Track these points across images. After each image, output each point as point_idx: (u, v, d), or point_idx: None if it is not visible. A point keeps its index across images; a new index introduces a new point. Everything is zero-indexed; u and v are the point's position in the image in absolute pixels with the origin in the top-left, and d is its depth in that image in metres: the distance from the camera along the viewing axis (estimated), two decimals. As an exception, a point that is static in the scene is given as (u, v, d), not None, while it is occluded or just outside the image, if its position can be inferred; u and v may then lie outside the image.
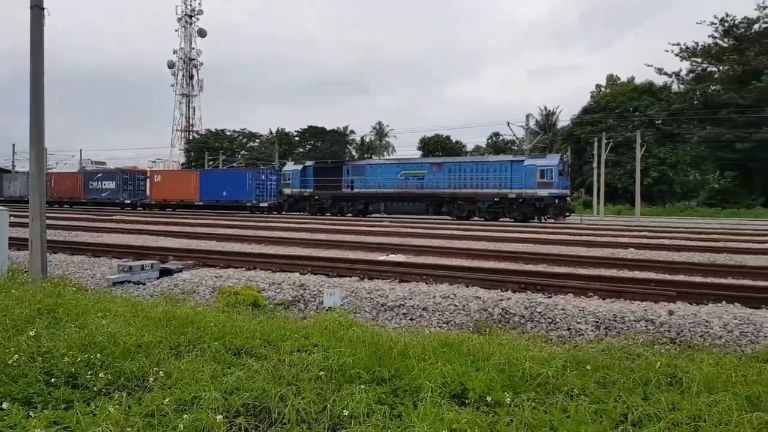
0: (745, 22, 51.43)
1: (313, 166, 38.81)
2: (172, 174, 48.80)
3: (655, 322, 6.49)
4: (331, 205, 36.79)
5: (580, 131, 61.06)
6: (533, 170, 30.16)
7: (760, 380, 4.00)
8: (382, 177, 35.24)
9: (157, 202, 44.77)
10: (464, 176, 32.57)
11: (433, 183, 33.31)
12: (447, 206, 32.85)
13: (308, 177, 37.88)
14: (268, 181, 42.41)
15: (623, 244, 15.28)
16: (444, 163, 33.99)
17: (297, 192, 38.08)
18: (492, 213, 31.23)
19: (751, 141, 46.56)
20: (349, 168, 37.42)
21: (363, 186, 35.76)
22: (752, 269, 10.29)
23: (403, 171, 34.87)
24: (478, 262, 11.23)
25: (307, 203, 37.75)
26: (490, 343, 4.94)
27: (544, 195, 29.69)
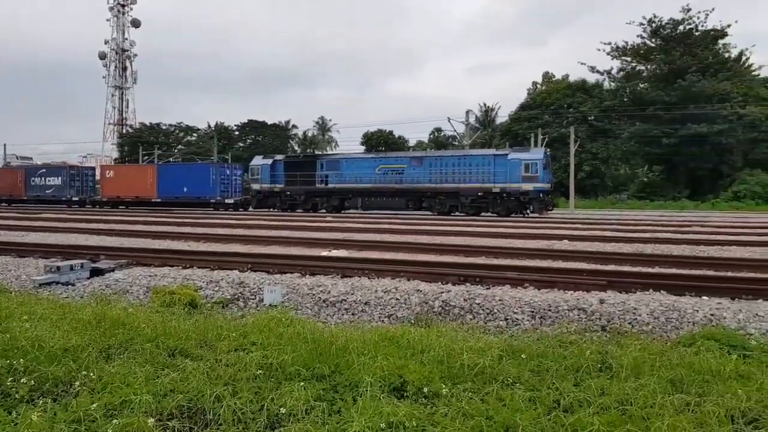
0: (671, 23, 54.01)
1: (283, 161, 37.36)
2: (126, 169, 46.27)
3: (587, 310, 6.74)
4: (304, 201, 35.54)
5: (518, 127, 62.62)
6: (518, 164, 29.72)
7: (682, 364, 4.22)
8: (359, 171, 34.21)
9: (110, 200, 42.18)
10: (446, 170, 31.82)
11: (413, 177, 32.49)
12: (428, 201, 32.19)
13: (278, 172, 36.44)
14: (233, 176, 40.73)
15: (558, 236, 15.78)
16: (424, 157, 33.39)
17: (267, 188, 36.45)
18: (475, 208, 30.84)
19: (676, 137, 49.03)
20: (323, 162, 36.06)
21: (338, 181, 34.63)
22: (677, 258, 10.85)
23: (382, 165, 33.85)
24: (420, 256, 11.34)
25: (277, 199, 36.30)
26: (430, 335, 5.01)
27: (529, 189, 29.31)
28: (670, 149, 49.83)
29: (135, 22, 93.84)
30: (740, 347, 5.20)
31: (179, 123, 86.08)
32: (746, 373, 4.09)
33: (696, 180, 52.18)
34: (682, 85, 49.82)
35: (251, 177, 38.13)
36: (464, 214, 30.40)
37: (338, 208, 34.70)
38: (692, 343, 5.05)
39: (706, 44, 53.20)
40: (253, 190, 37.56)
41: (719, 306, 6.73)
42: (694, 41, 52.99)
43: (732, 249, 12.97)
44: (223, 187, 39.53)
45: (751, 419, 3.23)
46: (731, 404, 3.35)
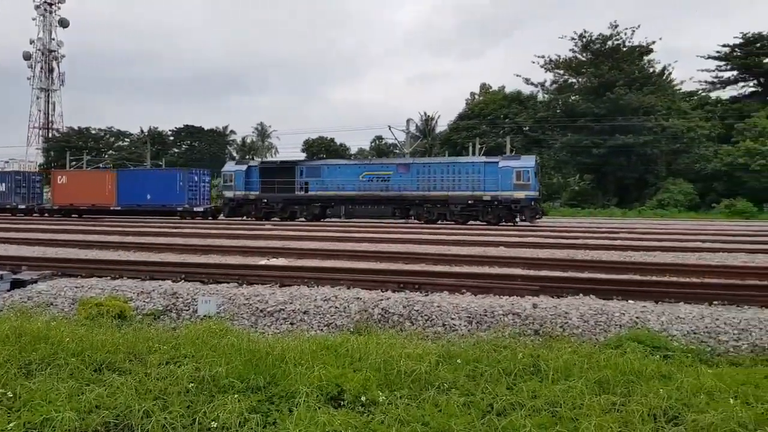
0: (600, 38, 56.56)
1: (259, 167, 35.61)
2: (80, 175, 43.01)
3: (521, 315, 6.92)
4: (282, 209, 33.97)
5: (457, 136, 63.89)
6: (509, 172, 29.23)
7: (609, 365, 4.39)
8: (342, 178, 32.95)
9: (61, 207, 39.10)
10: (434, 177, 31.03)
11: (399, 185, 31.47)
12: (415, 209, 31.44)
13: (253, 178, 34.71)
14: (201, 182, 38.66)
15: (495, 243, 16.16)
16: (412, 164, 32.38)
17: (241, 195, 34.41)
18: (464, 216, 30.32)
19: (605, 147, 51.28)
20: (302, 168, 34.39)
21: (320, 188, 33.28)
22: (606, 264, 11.31)
23: (366, 172, 32.53)
24: (360, 264, 11.34)
25: (252, 207, 34.55)
26: (369, 343, 5.00)
27: (521, 197, 28.86)
28: (599, 159, 52.04)
29: (63, 22, 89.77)
30: (663, 348, 5.48)
31: (110, 127, 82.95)
32: (668, 373, 4.31)
33: (624, 188, 54.68)
34: (610, 97, 52.19)
35: (223, 184, 36.17)
36: (453, 222, 29.96)
37: (319, 217, 33.58)
38: (619, 345, 5.27)
39: (632, 59, 55.98)
40: (226, 198, 35.51)
41: (644, 309, 7.06)
42: (621, 56, 55.63)
43: (656, 254, 13.64)
44: (191, 194, 37.43)
45: (672, 417, 3.40)
46: (654, 403, 3.51)
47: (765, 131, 48.75)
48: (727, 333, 6.34)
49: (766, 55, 56.45)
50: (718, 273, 9.89)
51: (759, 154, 46.60)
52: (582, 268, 10.80)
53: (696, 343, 6.09)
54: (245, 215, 34.87)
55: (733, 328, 6.41)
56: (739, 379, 4.28)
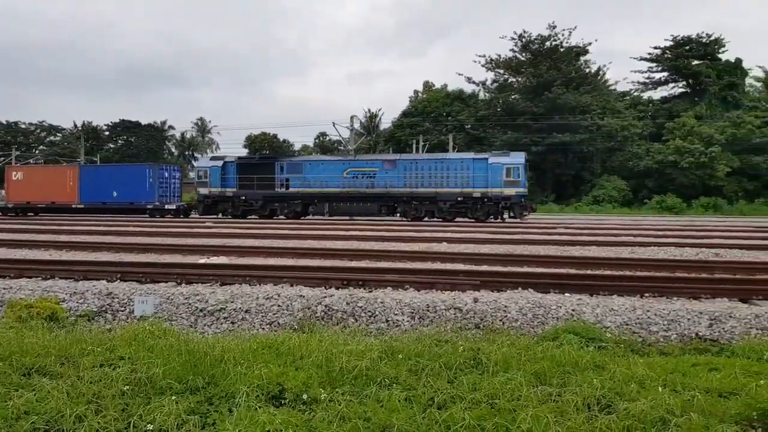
0: (539, 39, 58.15)
1: (236, 162, 34.15)
2: (38, 171, 40.25)
3: (463, 309, 7.04)
4: (262, 206, 32.76)
5: (401, 133, 64.27)
6: (499, 168, 29.15)
7: (546, 357, 4.53)
8: (325, 175, 31.98)
9: (17, 206, 36.41)
10: (422, 174, 30.50)
11: (386, 181, 30.79)
12: (403, 206, 30.91)
13: (230, 174, 33.31)
14: (171, 178, 36.78)
15: (438, 239, 16.36)
16: (398, 161, 31.68)
17: (217, 192, 32.98)
18: (453, 213, 30.03)
19: (543, 145, 52.82)
20: (282, 164, 33.14)
21: (301, 185, 32.27)
22: (544, 258, 11.65)
23: (351, 168, 31.67)
24: (303, 261, 11.25)
25: (229, 204, 33.24)
26: (311, 341, 4.97)
27: (511, 194, 28.85)
28: (538, 156, 53.50)
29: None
30: (597, 339, 5.69)
31: (41, 122, 78.92)
32: (602, 364, 4.47)
33: (561, 185, 56.49)
34: (548, 97, 53.79)
35: (197, 180, 34.48)
36: (440, 220, 29.64)
37: (300, 214, 32.65)
38: (556, 338, 5.44)
39: (569, 60, 57.82)
40: (200, 195, 33.91)
41: (580, 302, 7.31)
42: (559, 57, 57.37)
43: (591, 249, 14.16)
44: (161, 191, 35.55)
45: (605, 405, 3.53)
46: (588, 393, 3.64)
47: (693, 130, 51.40)
48: (657, 324, 6.65)
49: (694, 58, 59.45)
50: (648, 266, 10.36)
51: (687, 152, 49.13)
52: (521, 263, 11.09)
53: (628, 334, 6.36)
54: (221, 213, 33.61)
55: (662, 319, 6.73)
56: (668, 368, 4.50)
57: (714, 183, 49.70)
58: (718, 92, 57.38)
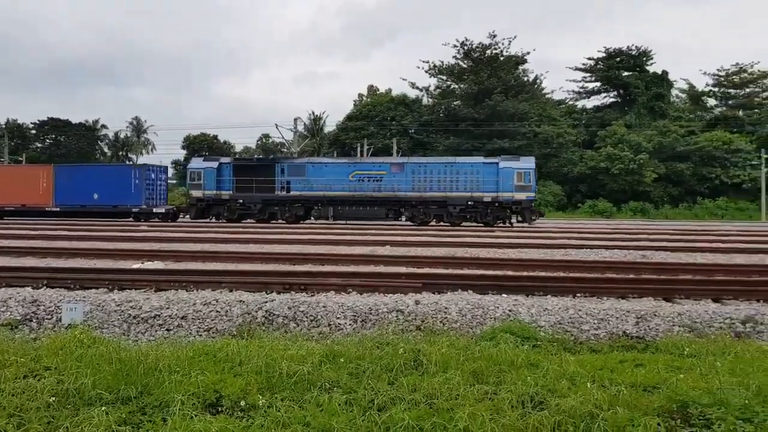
0: (480, 47, 59.55)
1: (232, 164, 32.56)
2: (5, 171, 37.18)
3: (404, 311, 7.10)
4: (260, 210, 31.42)
5: (345, 137, 64.24)
6: (510, 173, 28.99)
7: (483, 356, 4.63)
8: (329, 178, 30.84)
9: None
10: (430, 178, 29.98)
11: (393, 185, 30.12)
12: (411, 210, 30.28)
13: (225, 176, 31.86)
14: (158, 180, 34.70)
15: (381, 242, 16.45)
16: (406, 164, 30.97)
17: (211, 195, 31.54)
18: (462, 217, 29.71)
19: (484, 150, 54.04)
20: (283, 166, 31.89)
21: (304, 188, 31.06)
22: (483, 260, 11.92)
23: (356, 171, 30.79)
24: (244, 265, 11.06)
25: (224, 208, 31.77)
26: (250, 346, 4.90)
27: (522, 198, 28.85)
28: (479, 162, 54.75)
29: None
30: (532, 338, 5.87)
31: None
32: (536, 362, 4.62)
33: (501, 190, 58.00)
34: (489, 104, 55.13)
35: (190, 182, 32.66)
36: (449, 224, 29.30)
37: (302, 218, 31.62)
38: (493, 337, 5.57)
39: (509, 68, 59.47)
40: (193, 198, 32.20)
41: (516, 302, 7.52)
42: (499, 65, 58.91)
43: (528, 251, 14.59)
44: (148, 193, 33.49)
45: (538, 402, 3.65)
46: (522, 390, 3.75)
47: (623, 138, 53.89)
48: (588, 323, 6.92)
49: (624, 69, 62.35)
50: (581, 268, 10.76)
51: (618, 159, 51.49)
52: (462, 265, 11.30)
53: (561, 333, 6.60)
54: (215, 217, 32.10)
55: (593, 317, 7.01)
56: (598, 365, 4.69)
57: (642, 188, 52.32)
58: (646, 102, 60.38)
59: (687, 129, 57.85)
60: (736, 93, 68.65)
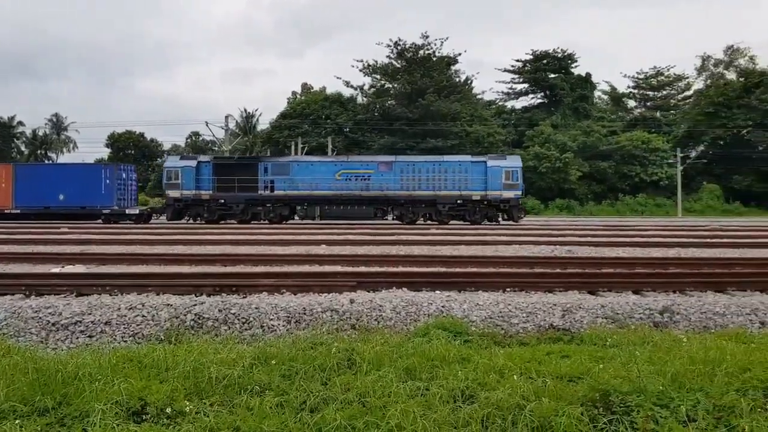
0: (413, 47, 60.23)
1: (212, 162, 31.48)
2: None
3: (339, 311, 7.07)
4: (243, 210, 30.32)
5: (279, 135, 63.39)
6: (499, 171, 29.44)
7: (416, 353, 4.68)
8: (315, 177, 30.24)
9: None
10: (419, 177, 30.02)
11: (381, 184, 29.93)
12: (399, 209, 30.07)
13: (205, 175, 30.55)
14: (129, 180, 32.80)
15: (316, 242, 16.34)
16: (395, 162, 30.86)
17: (190, 195, 30.27)
18: (451, 216, 29.75)
19: (418, 149, 54.73)
20: (267, 165, 31.13)
21: (288, 187, 30.23)
22: (417, 257, 12.06)
23: (343, 170, 30.44)
24: (172, 268, 10.70)
25: (203, 208, 30.37)
26: (178, 351, 4.74)
27: (510, 196, 29.32)
28: (414, 160, 55.42)
29: None
30: (464, 334, 5.98)
31: None
32: (467, 356, 4.71)
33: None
34: (422, 103, 55.87)
35: (167, 182, 31.14)
36: (437, 223, 29.21)
37: (285, 219, 30.77)
38: (426, 333, 5.64)
39: (441, 69, 60.45)
40: (170, 198, 30.74)
41: (449, 298, 7.64)
42: (432, 65, 59.78)
43: (460, 248, 14.88)
44: (120, 194, 31.70)
45: (468, 396, 3.72)
46: (453, 385, 3.81)
47: (549, 138, 55.96)
48: (517, 316, 7.12)
49: (550, 71, 64.76)
50: (511, 263, 11.09)
51: (545, 158, 53.44)
52: (396, 263, 11.39)
53: (492, 327, 6.75)
54: (194, 217, 30.68)
55: (522, 311, 7.22)
56: (526, 357, 4.83)
57: (567, 186, 54.57)
58: (571, 103, 62.98)
59: (609, 129, 60.81)
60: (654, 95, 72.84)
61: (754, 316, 7.37)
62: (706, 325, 7.12)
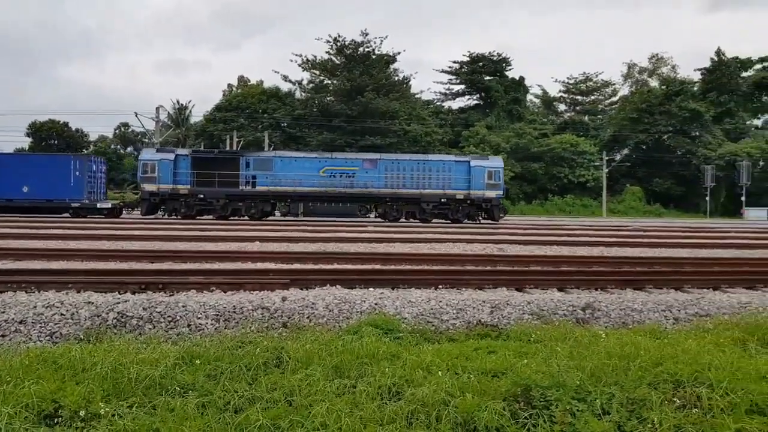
0: (353, 44, 60.13)
1: (191, 156, 30.28)
2: None
3: (270, 309, 6.96)
4: (224, 206, 29.22)
5: (213, 128, 61.86)
6: (481, 171, 29.98)
7: (346, 350, 4.67)
8: (299, 173, 29.68)
9: None
10: (404, 175, 30.08)
11: (366, 182, 29.80)
12: (384, 207, 29.85)
13: (183, 169, 29.32)
14: (98, 172, 31.04)
15: (251, 238, 16.04)
16: (380, 160, 30.77)
17: (167, 189, 29.06)
18: (433, 214, 29.77)
19: (357, 147, 54.77)
20: (248, 160, 30.27)
21: (271, 183, 29.48)
22: (353, 255, 12.04)
23: (327, 167, 29.99)
24: (95, 264, 10.23)
25: (181, 203, 29.05)
26: (97, 351, 4.54)
27: (492, 196, 29.92)
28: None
29: None
30: (395, 331, 6.02)
31: None
32: (396, 353, 4.74)
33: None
34: (361, 101, 55.92)
35: (142, 175, 29.66)
36: (419, 221, 29.14)
37: (267, 215, 30.09)
38: (357, 331, 5.64)
39: (380, 67, 60.69)
40: (146, 192, 29.38)
41: (382, 295, 7.68)
42: (371, 63, 59.92)
43: (396, 245, 14.99)
44: (89, 186, 29.91)
45: (395, 393, 3.75)
46: (381, 382, 3.83)
47: (484, 139, 57.30)
48: (448, 313, 7.24)
49: (486, 74, 66.29)
50: (443, 261, 11.27)
51: (480, 159, 54.64)
52: (332, 260, 11.34)
53: (423, 324, 6.84)
54: (170, 213, 29.38)
55: (453, 308, 7.34)
56: (454, 353, 4.92)
57: (501, 186, 56.01)
58: (505, 106, 64.75)
59: (540, 131, 62.91)
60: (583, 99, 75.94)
61: (669, 312, 7.78)
62: (625, 321, 7.47)
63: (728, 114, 63.64)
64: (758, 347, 5.33)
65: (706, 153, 58.36)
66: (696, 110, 59.34)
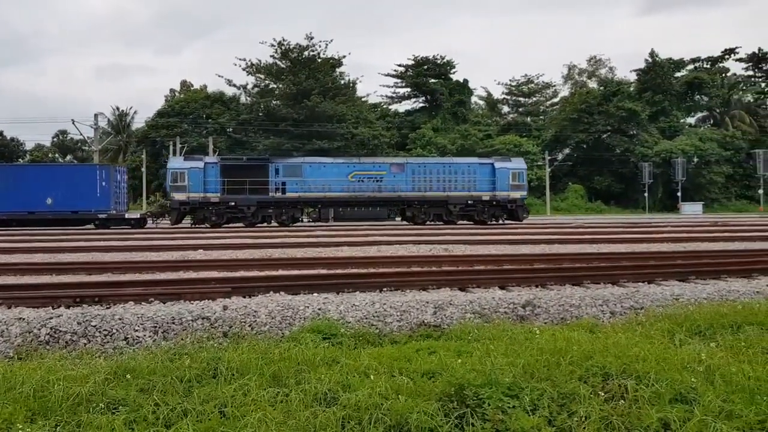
0: (298, 48, 59.71)
1: (219, 164, 30.02)
2: None
3: (211, 318, 6.83)
4: (254, 213, 29.00)
5: (156, 134, 60.24)
6: (506, 173, 30.67)
7: (283, 358, 4.63)
8: (328, 178, 29.78)
9: None
10: (430, 178, 30.50)
11: (394, 185, 30.11)
12: (411, 210, 30.20)
13: (212, 177, 28.68)
14: (122, 182, 30.13)
15: (193, 246, 15.70)
16: (407, 164, 31.29)
17: (198, 197, 28.61)
18: (460, 216, 30.50)
19: (304, 150, 54.41)
20: (278, 167, 29.96)
21: (301, 189, 29.43)
22: (299, 260, 11.98)
23: (356, 171, 30.17)
24: (27, 278, 9.81)
25: (211, 211, 28.38)
26: (23, 370, 4.36)
27: (517, 197, 30.67)
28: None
29: None
30: (338, 335, 6.02)
31: None
32: (335, 358, 4.74)
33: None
34: (308, 104, 55.58)
35: (171, 183, 28.77)
36: (442, 223, 29.66)
37: (296, 220, 29.95)
38: (296, 338, 5.61)
39: (326, 71, 60.48)
40: (175, 201, 28.62)
41: (326, 300, 7.65)
42: (317, 67, 59.65)
43: (343, 249, 14.99)
44: (116, 197, 28.93)
45: (331, 399, 3.74)
46: (317, 388, 3.83)
47: (431, 141, 57.98)
48: (392, 315, 7.28)
49: (431, 77, 67.06)
50: (389, 263, 11.34)
51: (427, 161, 55.28)
52: (277, 266, 11.23)
53: (367, 327, 6.85)
54: (200, 222, 28.77)
55: (396, 310, 7.39)
56: (395, 356, 4.95)
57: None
58: (450, 108, 65.68)
59: (485, 133, 64.16)
60: (525, 101, 77.87)
61: (605, 306, 8.04)
62: (564, 316, 7.68)
63: (663, 113, 66.50)
64: (684, 338, 5.58)
65: (643, 151, 60.81)
66: (632, 110, 61.74)
